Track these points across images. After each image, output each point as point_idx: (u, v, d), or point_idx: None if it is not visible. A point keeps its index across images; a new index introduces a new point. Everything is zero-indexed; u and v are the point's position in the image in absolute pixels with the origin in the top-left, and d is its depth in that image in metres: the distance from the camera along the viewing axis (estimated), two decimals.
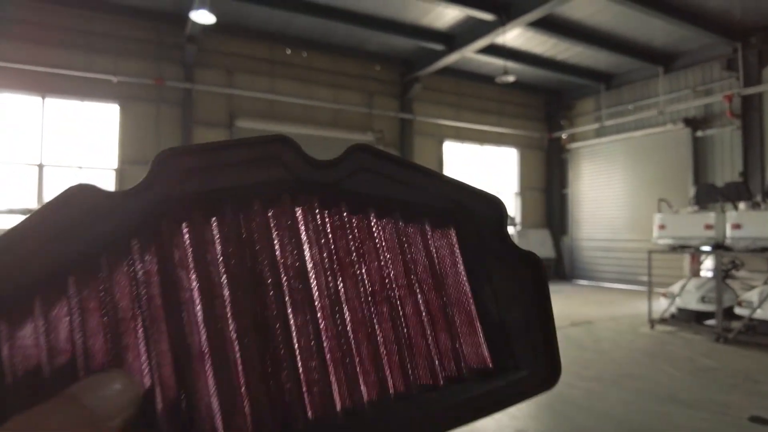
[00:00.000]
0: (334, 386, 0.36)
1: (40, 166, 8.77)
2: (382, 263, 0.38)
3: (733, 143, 10.37)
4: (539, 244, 13.53)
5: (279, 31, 10.22)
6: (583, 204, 13.79)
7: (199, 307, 0.34)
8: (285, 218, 0.36)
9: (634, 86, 12.41)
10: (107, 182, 9.08)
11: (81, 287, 0.33)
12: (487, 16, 8.86)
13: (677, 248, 7.63)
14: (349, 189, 0.38)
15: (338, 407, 0.35)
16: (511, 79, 10.32)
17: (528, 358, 0.38)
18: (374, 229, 0.39)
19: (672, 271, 10.03)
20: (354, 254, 0.38)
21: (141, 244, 0.34)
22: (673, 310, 7.38)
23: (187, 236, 0.35)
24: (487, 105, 13.32)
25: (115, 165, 9.39)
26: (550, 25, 9.46)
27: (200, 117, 10.00)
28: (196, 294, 0.34)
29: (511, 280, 0.39)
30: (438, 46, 10.39)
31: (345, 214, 0.38)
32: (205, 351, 0.34)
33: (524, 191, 14.12)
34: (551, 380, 0.38)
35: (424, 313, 0.39)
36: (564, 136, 14.12)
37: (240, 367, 0.34)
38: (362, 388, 0.36)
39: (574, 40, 10.01)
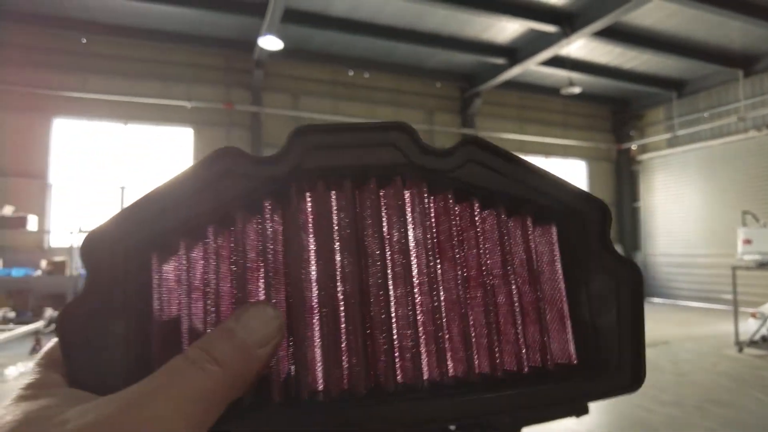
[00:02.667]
0: (424, 356, 0.38)
1: (122, 188, 9.38)
2: (481, 251, 0.40)
3: None
4: None
5: (341, 53, 10.50)
6: (657, 217, 13.09)
7: (314, 267, 0.37)
8: (395, 198, 0.39)
9: (710, 92, 11.72)
10: None
11: (218, 236, 0.37)
12: (549, 28, 8.70)
13: (766, 264, 7.08)
14: (458, 178, 0.40)
15: (425, 377, 0.37)
16: (576, 90, 10.04)
17: (614, 360, 0.39)
18: (477, 219, 0.40)
19: (760, 289, 9.29)
20: (455, 239, 0.40)
21: (272, 205, 0.38)
22: (764, 331, 6.82)
23: (309, 204, 0.39)
24: (552, 117, 13.01)
25: None
26: (615, 33, 9.14)
27: (269, 139, 10.38)
28: (312, 255, 0.38)
29: (608, 284, 0.40)
30: (499, 60, 10.30)
31: (451, 200, 0.40)
32: (315, 306, 0.37)
33: None
34: (635, 384, 0.39)
35: (516, 304, 0.40)
36: (634, 147, 13.54)
37: (343, 325, 0.37)
38: (449, 362, 0.39)
39: (643, 48, 9.60)
